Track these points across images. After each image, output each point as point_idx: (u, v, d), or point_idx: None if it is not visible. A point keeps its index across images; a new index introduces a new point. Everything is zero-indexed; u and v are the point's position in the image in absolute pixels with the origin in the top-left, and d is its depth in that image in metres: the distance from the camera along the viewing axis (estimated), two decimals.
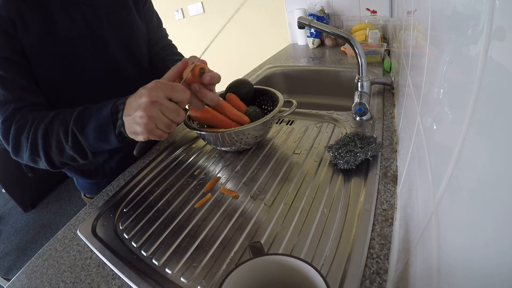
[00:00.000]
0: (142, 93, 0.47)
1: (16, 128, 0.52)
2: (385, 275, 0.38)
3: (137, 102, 0.47)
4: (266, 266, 0.31)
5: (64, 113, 0.52)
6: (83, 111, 0.51)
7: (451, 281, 0.21)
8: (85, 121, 0.50)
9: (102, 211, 0.61)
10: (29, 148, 0.52)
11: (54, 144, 0.51)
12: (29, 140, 0.51)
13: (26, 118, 0.52)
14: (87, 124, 0.49)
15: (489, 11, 0.17)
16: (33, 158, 0.53)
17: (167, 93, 0.47)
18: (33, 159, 0.53)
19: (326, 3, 1.47)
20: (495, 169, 0.17)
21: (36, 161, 0.54)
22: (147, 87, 0.47)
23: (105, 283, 0.46)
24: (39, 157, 0.53)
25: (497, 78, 0.17)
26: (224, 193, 0.59)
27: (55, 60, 0.61)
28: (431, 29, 0.35)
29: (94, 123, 0.49)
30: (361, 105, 0.71)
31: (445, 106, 0.27)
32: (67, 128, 0.50)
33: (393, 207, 0.48)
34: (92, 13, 0.65)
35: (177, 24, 2.30)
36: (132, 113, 0.47)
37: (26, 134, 0.51)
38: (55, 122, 0.51)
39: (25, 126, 0.52)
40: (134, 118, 0.47)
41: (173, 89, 0.47)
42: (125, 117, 0.48)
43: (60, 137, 0.50)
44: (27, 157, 0.53)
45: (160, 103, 0.46)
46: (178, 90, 0.48)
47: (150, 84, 0.48)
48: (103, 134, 0.50)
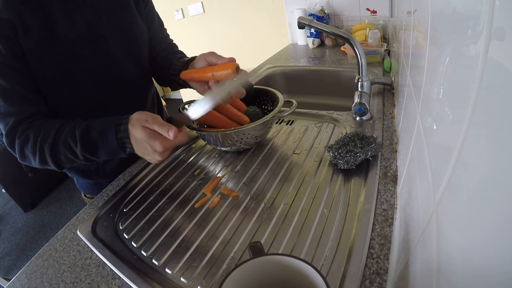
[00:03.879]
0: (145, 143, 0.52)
1: (20, 142, 0.57)
2: (385, 275, 0.38)
3: (147, 154, 0.53)
4: (266, 266, 0.31)
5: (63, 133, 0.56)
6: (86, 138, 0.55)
7: (451, 281, 0.21)
8: (93, 148, 0.55)
9: (102, 211, 0.61)
10: (38, 159, 0.57)
11: (64, 159, 0.57)
12: (37, 155, 0.57)
13: (28, 133, 0.57)
14: (97, 150, 0.55)
15: (489, 11, 0.17)
16: (43, 165, 0.59)
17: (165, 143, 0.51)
18: (42, 165, 0.59)
19: (326, 3, 1.47)
20: (495, 169, 0.17)
21: (46, 166, 0.60)
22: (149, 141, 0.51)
23: (105, 283, 0.46)
24: (48, 165, 0.59)
25: (497, 78, 0.17)
26: (224, 193, 0.59)
27: (56, 61, 0.61)
28: (431, 29, 0.35)
29: (105, 149, 0.55)
30: (361, 105, 0.71)
31: (445, 106, 0.27)
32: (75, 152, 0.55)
33: (393, 207, 0.48)
34: (93, 14, 0.65)
35: (177, 24, 2.30)
36: (138, 149, 0.54)
37: (32, 149, 0.56)
38: (59, 144, 0.56)
39: (28, 141, 0.56)
40: (145, 156, 0.54)
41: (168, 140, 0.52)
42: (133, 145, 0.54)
43: (69, 156, 0.56)
44: (36, 164, 0.59)
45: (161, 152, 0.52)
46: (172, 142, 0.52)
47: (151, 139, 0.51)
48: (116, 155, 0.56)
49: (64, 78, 0.63)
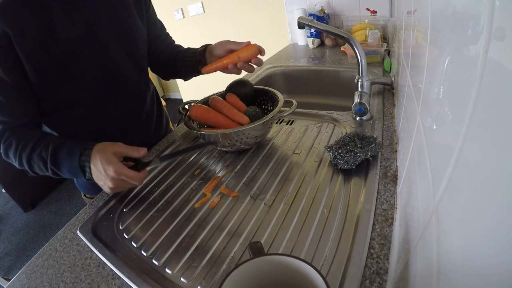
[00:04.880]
0: (101, 174, 0.56)
1: (5, 147, 0.62)
2: (385, 275, 0.38)
3: (101, 178, 0.57)
4: (266, 266, 0.31)
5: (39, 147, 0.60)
6: (55, 154, 0.59)
7: (451, 281, 0.21)
8: (59, 164, 0.59)
9: (102, 211, 0.61)
10: (17, 164, 0.63)
11: (37, 169, 0.62)
12: (16, 160, 0.62)
13: (11, 140, 0.61)
14: (61, 166, 0.59)
15: (489, 11, 0.17)
16: (21, 168, 0.64)
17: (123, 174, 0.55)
18: (21, 168, 0.64)
19: (326, 3, 1.47)
20: (495, 169, 0.17)
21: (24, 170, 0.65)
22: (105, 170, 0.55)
23: (105, 283, 0.46)
24: (26, 171, 0.64)
25: (497, 78, 0.17)
26: (224, 193, 0.59)
27: (55, 62, 0.61)
28: (431, 29, 0.35)
29: (68, 167, 0.59)
30: (361, 105, 0.71)
31: (445, 106, 0.27)
32: (46, 165, 0.60)
33: (393, 207, 0.48)
34: (92, 15, 0.65)
35: (177, 24, 2.30)
36: (98, 178, 0.58)
37: (13, 154, 0.61)
38: (34, 156, 0.60)
39: (11, 147, 0.61)
40: (99, 181, 0.58)
41: (131, 179, 0.56)
42: (93, 176, 0.58)
43: (41, 167, 0.61)
44: (17, 166, 0.64)
45: (119, 186, 0.57)
46: (133, 177, 0.56)
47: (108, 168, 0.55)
48: (76, 176, 0.60)
49: (63, 79, 0.63)
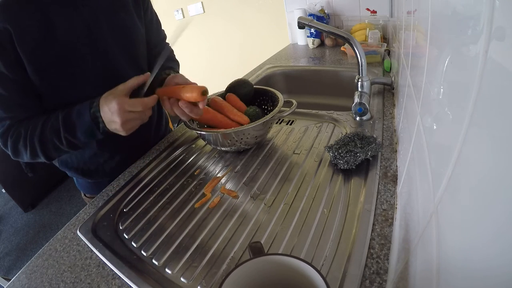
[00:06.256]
0: (111, 110, 0.56)
1: (13, 140, 0.62)
2: (385, 275, 0.38)
3: (110, 118, 0.57)
4: (266, 266, 0.31)
5: (49, 122, 0.61)
6: (66, 120, 0.60)
7: (451, 281, 0.21)
8: (73, 129, 0.60)
9: (102, 211, 0.61)
10: (29, 153, 0.62)
11: (51, 147, 0.62)
12: (28, 148, 0.61)
13: (19, 130, 0.62)
14: (75, 128, 0.60)
15: (489, 11, 0.17)
16: (33, 158, 0.64)
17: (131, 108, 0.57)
18: (33, 158, 0.64)
19: (326, 3, 1.47)
20: (495, 169, 0.17)
21: (36, 159, 0.65)
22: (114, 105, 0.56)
23: (105, 283, 0.46)
24: (38, 157, 0.64)
25: (497, 78, 0.17)
26: (224, 193, 0.59)
27: (55, 62, 0.61)
28: (431, 29, 0.35)
29: (82, 127, 0.59)
30: (361, 105, 0.71)
31: (445, 106, 0.27)
32: (59, 136, 0.60)
33: (393, 207, 0.48)
34: (91, 15, 0.64)
35: (177, 24, 2.30)
36: (108, 119, 0.57)
37: (23, 143, 0.61)
38: (46, 132, 0.60)
39: (20, 137, 0.61)
40: (111, 124, 0.58)
41: (134, 106, 0.57)
42: (105, 121, 0.58)
43: (55, 142, 0.61)
44: (27, 158, 0.64)
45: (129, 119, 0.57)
46: (138, 107, 0.57)
47: (115, 103, 0.56)
48: (92, 134, 0.60)
49: (63, 78, 0.63)
